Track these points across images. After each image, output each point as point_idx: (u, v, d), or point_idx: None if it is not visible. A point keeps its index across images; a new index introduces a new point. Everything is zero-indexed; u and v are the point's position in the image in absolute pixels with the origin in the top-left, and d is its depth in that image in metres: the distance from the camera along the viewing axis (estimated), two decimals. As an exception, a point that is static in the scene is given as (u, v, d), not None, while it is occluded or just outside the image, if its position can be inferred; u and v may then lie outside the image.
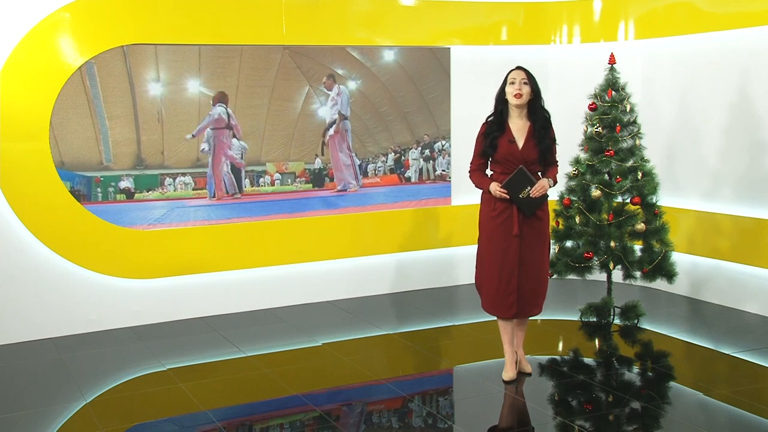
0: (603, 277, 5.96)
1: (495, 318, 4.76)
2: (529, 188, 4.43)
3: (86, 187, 5.81)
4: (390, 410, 4.51)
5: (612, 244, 5.61)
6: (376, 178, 6.81)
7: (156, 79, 5.97)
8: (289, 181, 6.48)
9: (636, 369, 5.13)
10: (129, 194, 5.96)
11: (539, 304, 4.68)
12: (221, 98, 6.20)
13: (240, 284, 6.33)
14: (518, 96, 4.45)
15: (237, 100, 6.24)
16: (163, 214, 6.06)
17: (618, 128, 5.67)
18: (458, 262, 7.02)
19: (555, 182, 4.57)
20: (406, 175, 6.90)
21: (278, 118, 6.42)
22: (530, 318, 4.81)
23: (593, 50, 6.99)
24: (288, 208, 6.50)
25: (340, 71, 6.54)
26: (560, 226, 5.85)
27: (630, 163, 5.67)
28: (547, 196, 4.52)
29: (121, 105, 5.88)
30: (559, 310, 6.08)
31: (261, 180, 6.38)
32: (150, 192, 6.02)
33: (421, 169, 6.95)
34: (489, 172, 4.64)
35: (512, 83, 4.48)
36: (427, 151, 6.95)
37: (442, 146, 6.98)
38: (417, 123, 6.90)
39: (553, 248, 5.71)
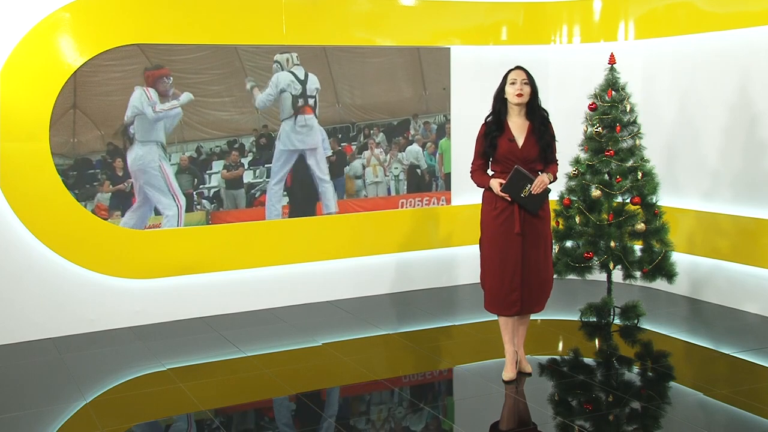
0: (603, 277, 5.96)
1: (495, 318, 4.76)
2: (529, 186, 4.43)
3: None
4: (390, 410, 4.51)
5: (612, 244, 5.61)
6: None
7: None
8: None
9: (636, 369, 5.13)
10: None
11: (542, 303, 4.69)
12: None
13: (240, 284, 6.33)
14: (519, 95, 4.46)
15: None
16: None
17: (618, 128, 5.66)
18: (458, 262, 7.02)
19: (555, 178, 4.57)
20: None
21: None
22: (530, 318, 4.81)
23: (593, 50, 6.99)
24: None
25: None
26: (560, 226, 5.85)
27: (630, 163, 5.67)
28: (549, 191, 4.52)
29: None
30: (559, 310, 6.08)
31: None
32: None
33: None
34: (490, 172, 4.64)
35: (513, 83, 4.49)
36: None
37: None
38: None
39: (554, 248, 5.70)
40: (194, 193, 6.14)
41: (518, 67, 4.55)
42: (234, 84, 6.19)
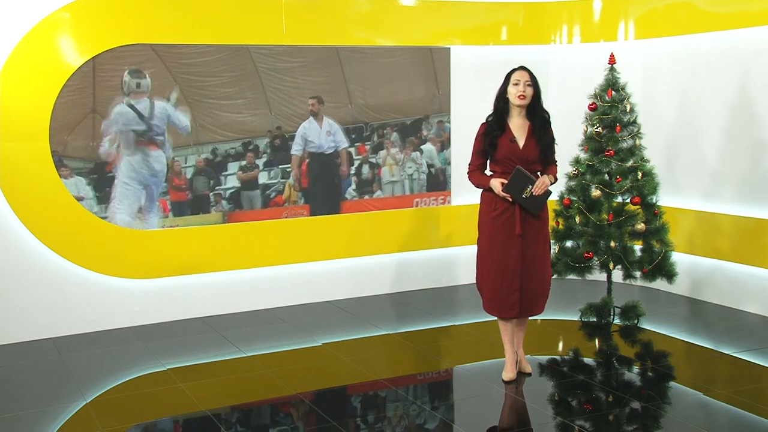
0: (603, 277, 5.96)
1: (495, 318, 4.76)
2: (530, 187, 4.41)
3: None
4: (390, 410, 4.51)
5: (612, 244, 5.61)
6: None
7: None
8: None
9: (636, 369, 5.13)
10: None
11: (541, 304, 4.68)
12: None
13: (240, 284, 6.33)
14: (522, 98, 4.45)
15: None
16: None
17: (618, 128, 5.66)
18: (458, 262, 7.02)
19: (555, 180, 4.57)
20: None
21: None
22: (531, 318, 4.81)
23: (593, 50, 6.99)
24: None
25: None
26: (560, 226, 5.85)
27: (630, 163, 5.67)
28: (550, 192, 4.51)
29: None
30: (559, 310, 6.08)
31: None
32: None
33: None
34: (488, 172, 4.63)
35: (516, 84, 4.47)
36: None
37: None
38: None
39: (553, 248, 5.70)
40: (211, 194, 6.17)
41: (522, 68, 4.52)
42: (247, 86, 6.21)
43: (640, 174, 5.63)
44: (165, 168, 6.00)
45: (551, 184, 4.51)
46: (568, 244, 5.89)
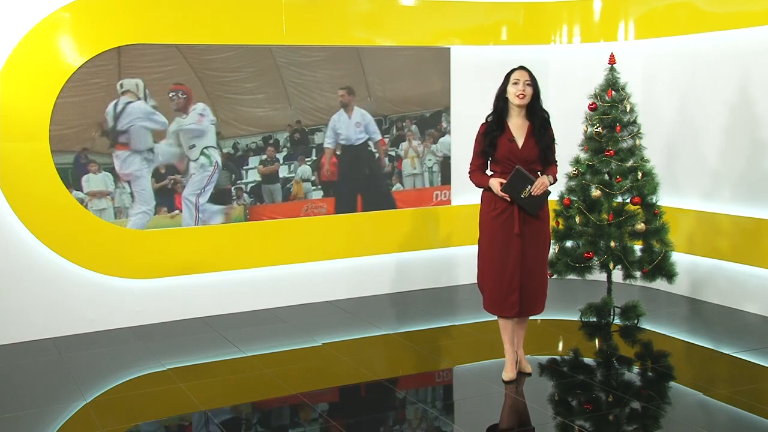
0: (603, 277, 5.96)
1: (495, 318, 4.76)
2: (529, 187, 4.42)
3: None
4: (390, 410, 4.51)
5: (612, 244, 5.61)
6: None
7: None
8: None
9: (636, 369, 5.13)
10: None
11: (541, 304, 4.68)
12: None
13: (240, 284, 6.33)
14: (521, 96, 4.45)
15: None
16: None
17: (618, 128, 5.66)
18: (458, 262, 7.02)
19: (555, 180, 4.57)
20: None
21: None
22: (531, 317, 4.81)
23: (593, 50, 6.99)
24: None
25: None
26: (560, 226, 5.85)
27: (630, 163, 5.67)
28: (549, 192, 4.52)
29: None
30: (559, 310, 6.08)
31: None
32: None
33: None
34: (489, 172, 4.64)
35: (515, 83, 4.48)
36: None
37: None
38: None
39: (553, 248, 5.71)
40: (233, 188, 6.22)
41: (521, 68, 4.53)
42: (267, 81, 6.26)
43: (640, 174, 5.63)
44: (147, 172, 5.97)
45: (551, 184, 4.52)
46: (568, 244, 5.89)
